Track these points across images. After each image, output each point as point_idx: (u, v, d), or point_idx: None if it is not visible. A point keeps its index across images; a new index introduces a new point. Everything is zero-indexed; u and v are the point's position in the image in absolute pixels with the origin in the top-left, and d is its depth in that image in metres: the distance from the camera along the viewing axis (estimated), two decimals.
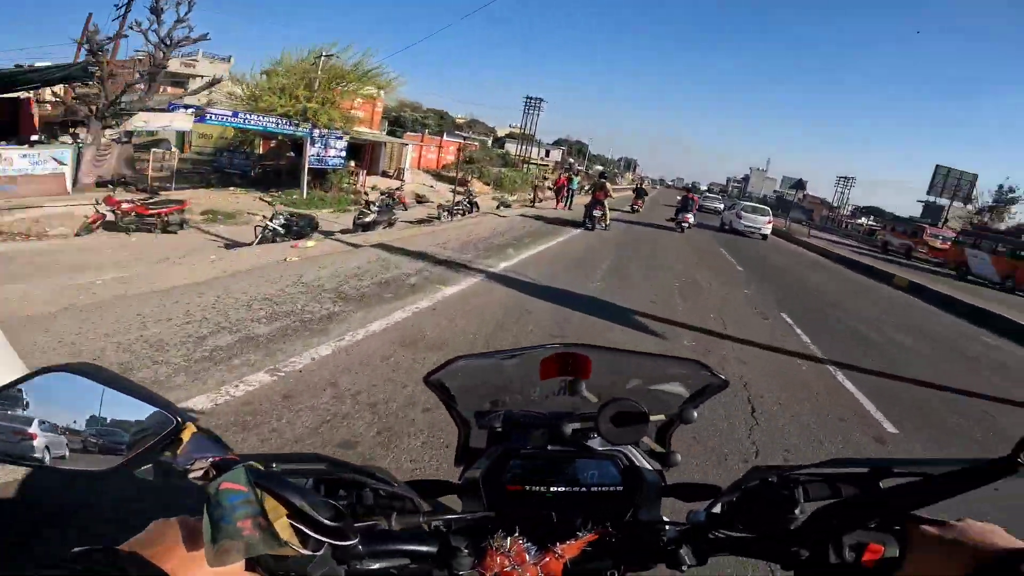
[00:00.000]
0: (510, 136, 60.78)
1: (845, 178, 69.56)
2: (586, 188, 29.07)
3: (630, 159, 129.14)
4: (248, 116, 16.80)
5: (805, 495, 0.59)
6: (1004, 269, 19.53)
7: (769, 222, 21.14)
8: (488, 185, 33.03)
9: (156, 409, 0.52)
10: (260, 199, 19.15)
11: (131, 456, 0.51)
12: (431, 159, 34.51)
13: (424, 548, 0.61)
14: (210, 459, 0.52)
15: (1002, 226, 40.65)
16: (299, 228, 9.89)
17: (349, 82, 20.04)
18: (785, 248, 19.37)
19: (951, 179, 44.67)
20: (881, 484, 0.58)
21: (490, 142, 57.81)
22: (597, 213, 14.10)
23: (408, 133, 32.04)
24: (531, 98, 49.11)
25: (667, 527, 0.66)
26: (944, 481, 0.51)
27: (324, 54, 19.97)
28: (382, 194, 19.80)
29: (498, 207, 19.14)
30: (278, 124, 17.66)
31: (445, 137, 35.53)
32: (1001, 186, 45.05)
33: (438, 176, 32.36)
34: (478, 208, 18.36)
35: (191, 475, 0.51)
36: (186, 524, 0.47)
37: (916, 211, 61.28)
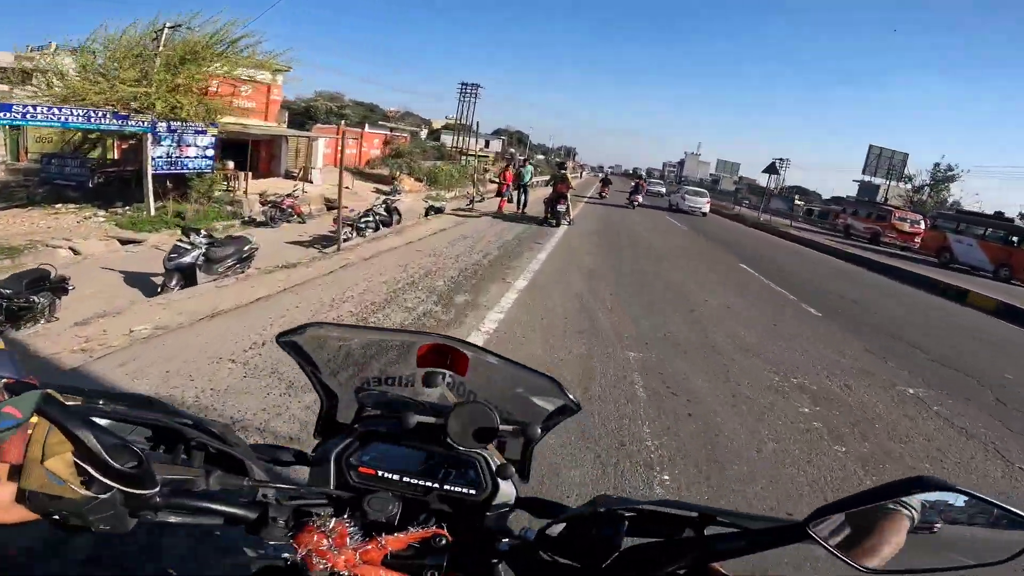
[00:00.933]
0: (447, 127, 55.25)
1: (780, 159, 69.05)
2: (544, 181, 24.48)
3: (569, 147, 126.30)
4: (32, 108, 10.90)
5: (638, 531, 0.60)
6: (997, 256, 17.21)
7: (707, 202, 24.40)
8: (420, 181, 27.77)
9: None
10: (88, 218, 13.44)
11: None
12: (352, 155, 28.77)
13: (237, 511, 0.56)
14: (3, 379, 0.47)
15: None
16: None
17: (203, 60, 14.25)
18: (788, 248, 15.53)
19: (883, 158, 43.79)
20: (706, 532, 0.59)
21: (424, 134, 52.32)
22: (562, 208, 12.25)
23: (319, 126, 26.16)
24: (467, 84, 43.87)
25: (502, 540, 0.64)
26: (750, 536, 0.53)
27: (168, 26, 14.15)
28: (265, 204, 14.36)
29: (427, 213, 14.15)
30: (92, 118, 11.83)
31: (368, 129, 29.79)
32: (937, 164, 44.03)
33: (360, 174, 26.79)
34: (399, 217, 13.28)
35: None
36: None
37: (852, 190, 61.32)
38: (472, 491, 0.67)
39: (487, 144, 57.53)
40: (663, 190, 37.42)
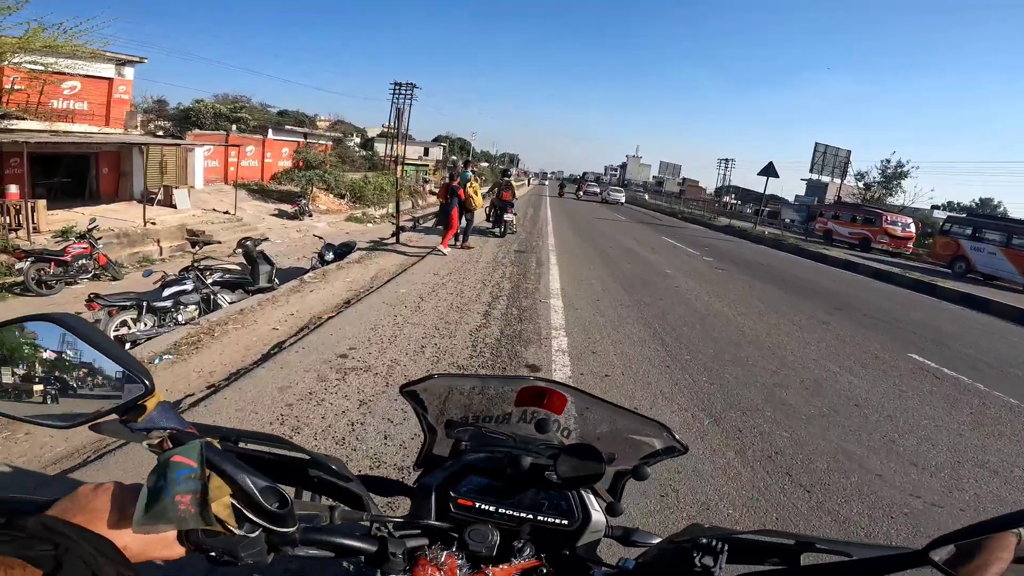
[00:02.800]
0: (383, 135, 49.11)
1: (726, 160, 67.14)
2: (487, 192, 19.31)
3: (512, 154, 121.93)
4: None
5: (734, 559, 0.58)
6: None
7: (623, 195, 40.77)
8: (342, 198, 21.85)
9: (128, 372, 0.51)
10: None
11: (94, 414, 0.51)
12: (251, 168, 22.41)
13: (360, 545, 0.59)
14: (168, 430, 0.52)
15: (896, 201, 37.91)
16: None
17: None
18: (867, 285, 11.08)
19: (829, 155, 41.78)
20: (802, 559, 0.57)
21: (357, 143, 45.91)
22: (508, 217, 11.16)
23: (197, 132, 19.74)
24: (400, 84, 37.97)
25: (599, 568, 0.65)
26: (858, 566, 0.51)
27: None
28: (24, 258, 8.30)
29: (321, 260, 8.53)
30: None
31: (273, 136, 23.47)
32: (888, 160, 41.66)
33: (262, 191, 20.54)
34: (271, 269, 7.60)
35: (146, 442, 0.52)
36: (118, 490, 0.46)
37: (801, 189, 60.28)
38: (564, 521, 0.67)
39: (426, 152, 51.85)
40: (597, 190, 48.40)
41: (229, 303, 6.10)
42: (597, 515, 0.68)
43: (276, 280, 7.57)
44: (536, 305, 5.45)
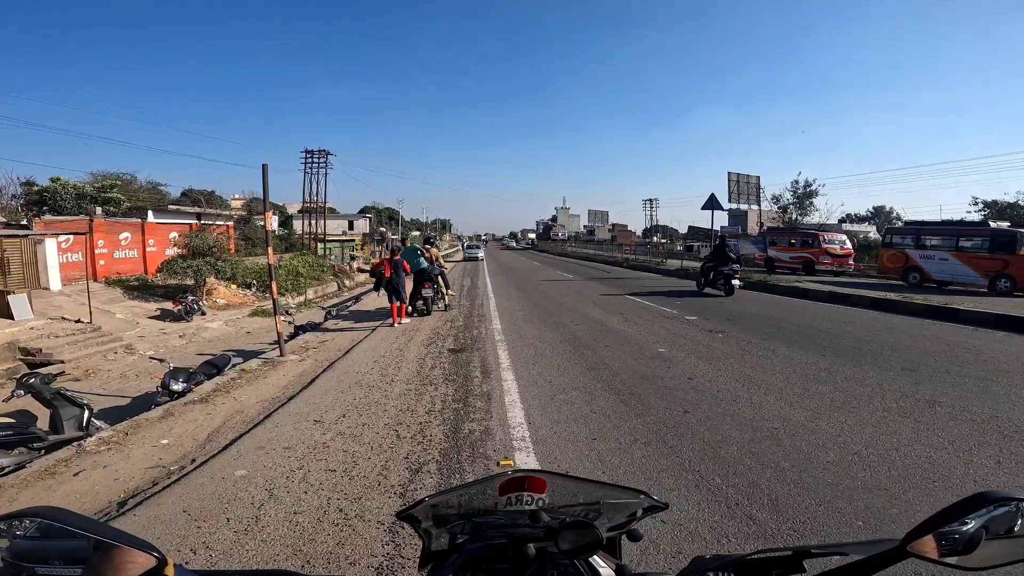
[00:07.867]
0: (303, 211, 46.21)
1: (650, 200, 69.30)
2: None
3: (444, 220, 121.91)
4: None
5: None
6: (989, 268, 13.92)
7: (515, 242, 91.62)
8: (248, 287, 18.60)
9: (132, 548, 0.50)
10: None
11: None
12: (130, 260, 18.77)
13: None
14: None
15: (812, 220, 39.31)
16: None
17: None
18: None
19: (742, 184, 42.95)
20: (805, 564, 0.61)
21: (274, 223, 42.46)
22: (427, 292, 9.53)
23: (47, 219, 16.23)
24: (311, 152, 35.48)
25: None
26: (856, 568, 0.56)
27: None
28: None
29: (157, 403, 5.65)
30: None
31: (153, 219, 19.99)
32: (796, 182, 43.17)
33: (145, 288, 16.95)
34: (83, 412, 4.75)
35: None
36: None
37: (723, 219, 62.49)
38: None
39: (351, 226, 49.11)
40: (508, 242, 67.98)
41: None
42: (605, 571, 0.70)
43: (96, 423, 5.16)
44: None
